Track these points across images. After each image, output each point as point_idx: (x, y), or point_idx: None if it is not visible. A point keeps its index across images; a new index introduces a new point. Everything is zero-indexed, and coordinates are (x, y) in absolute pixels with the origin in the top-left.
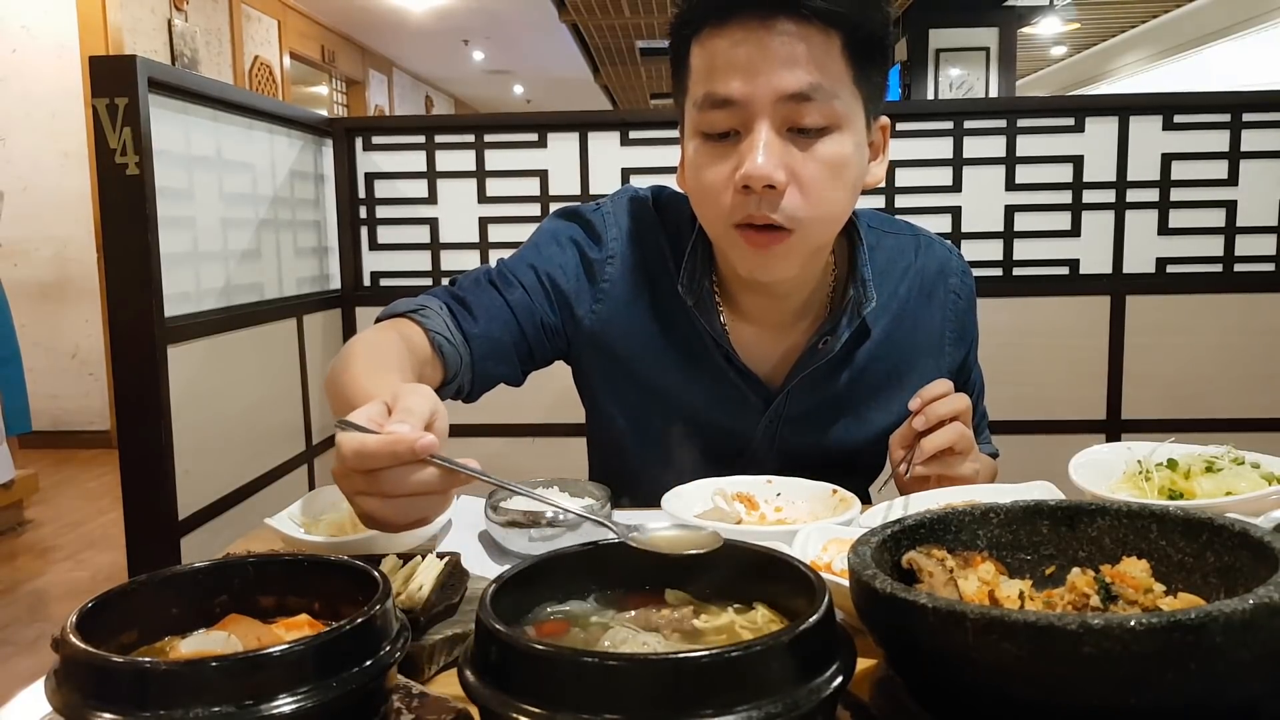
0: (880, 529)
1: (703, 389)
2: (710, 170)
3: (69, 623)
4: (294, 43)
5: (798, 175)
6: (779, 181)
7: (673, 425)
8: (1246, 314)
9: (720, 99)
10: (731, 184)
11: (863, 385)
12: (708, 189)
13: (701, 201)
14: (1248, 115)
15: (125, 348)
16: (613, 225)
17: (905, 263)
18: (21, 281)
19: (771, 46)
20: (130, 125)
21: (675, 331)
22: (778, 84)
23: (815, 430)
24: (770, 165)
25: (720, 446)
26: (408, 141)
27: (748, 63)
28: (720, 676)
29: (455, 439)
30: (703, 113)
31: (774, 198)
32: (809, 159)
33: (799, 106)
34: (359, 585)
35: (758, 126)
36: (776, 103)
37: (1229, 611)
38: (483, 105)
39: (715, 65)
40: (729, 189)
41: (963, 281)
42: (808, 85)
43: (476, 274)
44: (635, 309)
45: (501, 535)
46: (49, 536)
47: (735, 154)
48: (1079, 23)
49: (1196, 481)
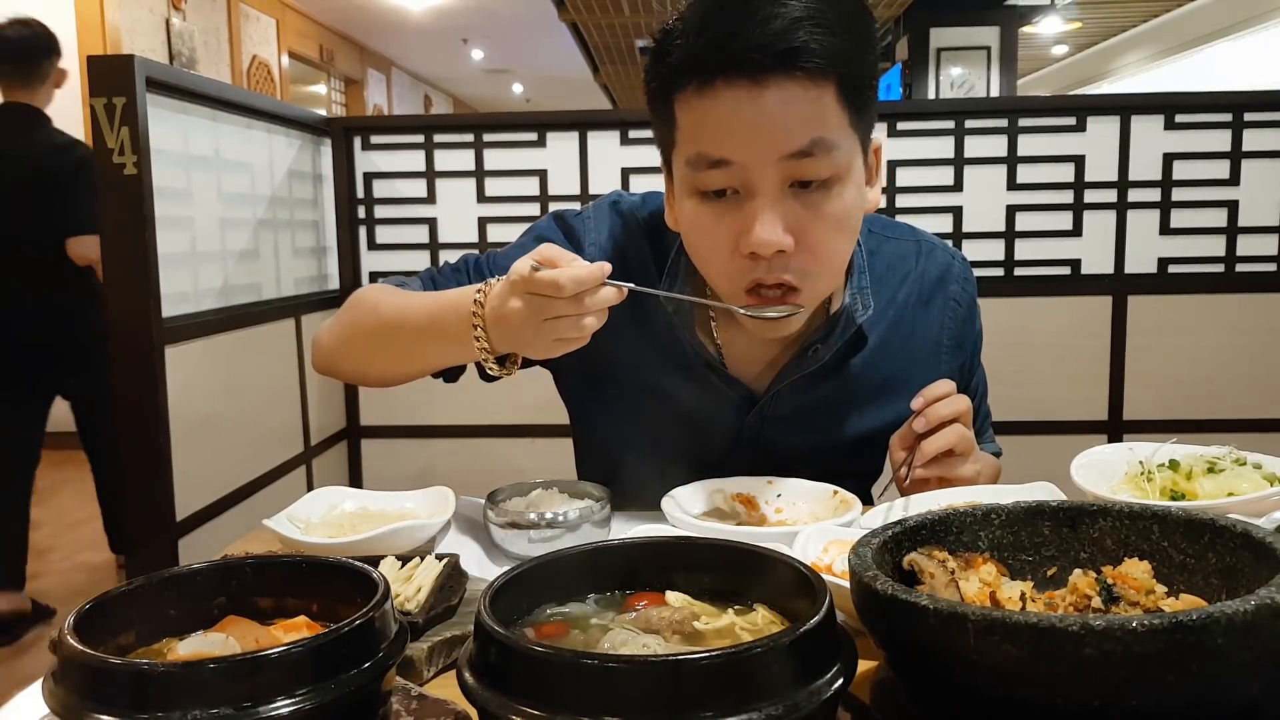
0: (881, 530)
1: (685, 394)
2: (712, 233)
3: (67, 624)
4: (292, 42)
5: (804, 236)
6: (788, 246)
7: (655, 430)
8: (1248, 314)
9: (715, 160)
10: (736, 248)
11: (854, 392)
12: (710, 249)
13: (704, 263)
14: (1249, 115)
15: (123, 348)
16: (592, 231)
17: (905, 269)
18: None
19: (767, 106)
20: (128, 125)
21: (658, 338)
22: (778, 144)
23: (802, 435)
24: (776, 233)
25: (704, 451)
26: (406, 141)
27: (744, 125)
28: (720, 678)
29: (455, 439)
30: (696, 172)
31: (783, 260)
32: (815, 218)
33: (801, 163)
34: (357, 587)
35: (760, 190)
36: (777, 162)
37: (1231, 613)
38: (482, 104)
39: (707, 126)
40: (734, 254)
41: (964, 289)
42: (808, 143)
43: (459, 262)
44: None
45: (500, 537)
46: (47, 537)
47: (736, 215)
48: (1080, 22)
49: (1198, 482)
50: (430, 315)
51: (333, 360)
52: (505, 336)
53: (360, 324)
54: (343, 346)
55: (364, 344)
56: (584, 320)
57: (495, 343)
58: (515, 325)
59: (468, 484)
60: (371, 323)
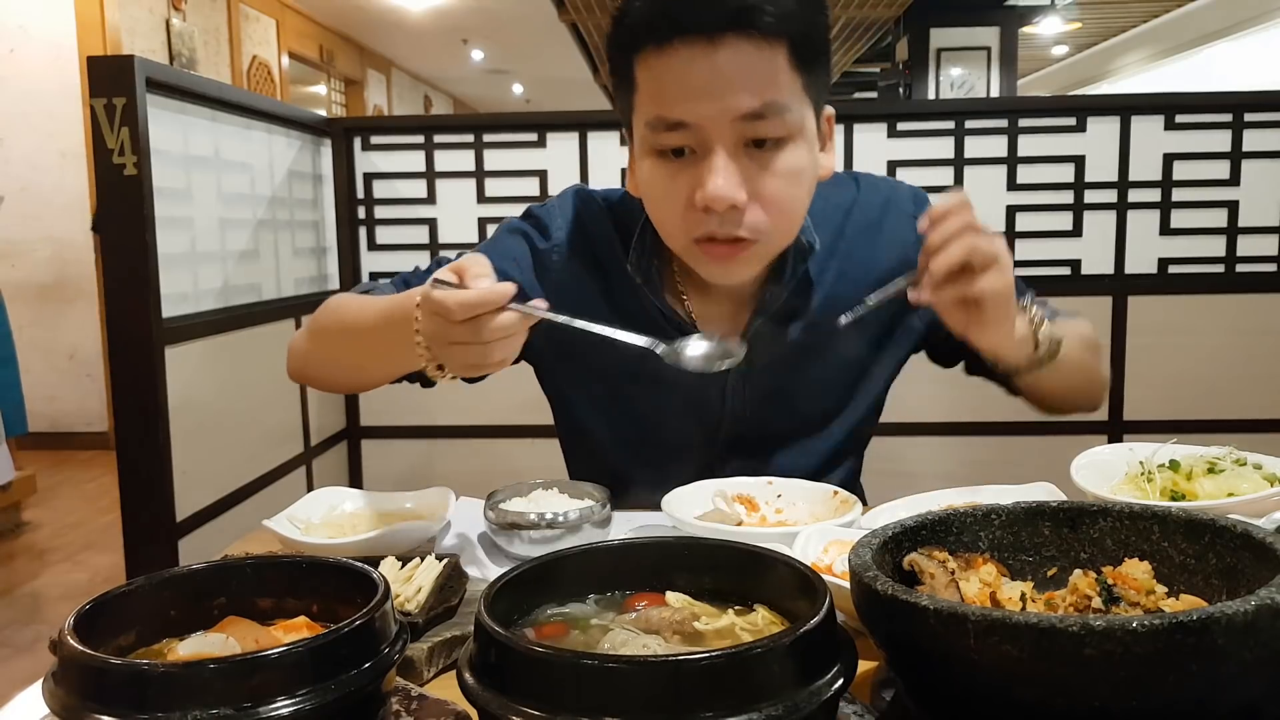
0: (881, 531)
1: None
2: (668, 189)
3: (67, 624)
4: (292, 42)
5: (758, 192)
6: (740, 202)
7: (639, 404)
8: (1249, 314)
9: (673, 122)
10: (691, 203)
11: (819, 335)
12: (667, 206)
13: (660, 219)
14: (1249, 115)
15: (123, 349)
16: (558, 216)
17: (847, 205)
18: (19, 282)
19: (722, 67)
20: (128, 125)
21: (630, 313)
22: (733, 105)
23: (779, 390)
24: (730, 187)
25: (689, 421)
26: (406, 141)
27: (699, 85)
28: (721, 679)
29: (455, 439)
30: (655, 133)
31: (736, 216)
32: (768, 175)
33: (754, 124)
34: (357, 587)
35: (715, 147)
36: (732, 123)
37: (1231, 613)
38: (482, 105)
39: (664, 87)
40: (688, 208)
41: (916, 205)
42: (762, 104)
43: (432, 264)
44: (586, 295)
45: (500, 537)
46: (47, 538)
47: (692, 173)
48: (1080, 22)
49: (1198, 483)
50: (380, 319)
51: (302, 366)
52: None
53: (324, 329)
54: (309, 352)
55: (327, 349)
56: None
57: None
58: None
59: (468, 484)
60: (333, 328)
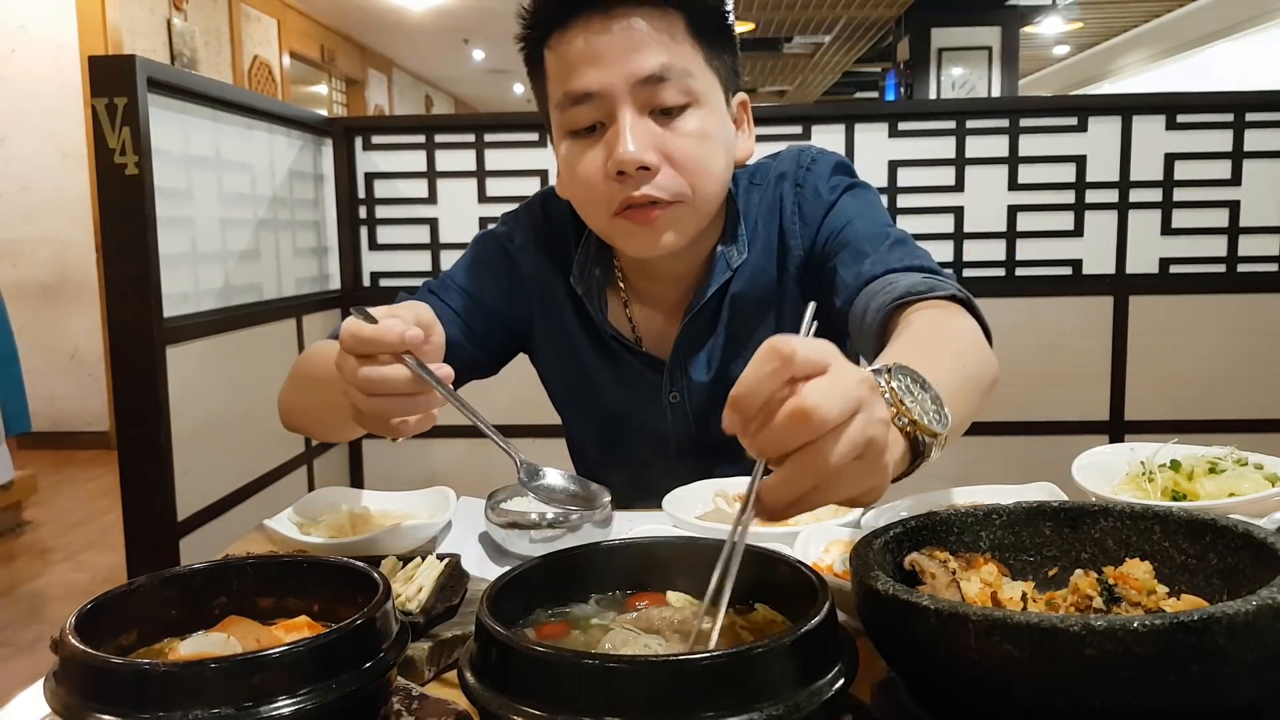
0: (882, 530)
1: (612, 374)
2: (582, 165)
3: (68, 624)
4: (293, 42)
5: (669, 153)
6: (651, 163)
7: (602, 410)
8: (1250, 314)
9: (579, 94)
10: (605, 174)
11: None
12: (584, 183)
13: (581, 197)
14: (1251, 115)
15: (124, 348)
16: (519, 231)
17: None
18: (21, 282)
19: (618, 35)
20: (129, 125)
21: (583, 321)
22: (631, 69)
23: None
24: (640, 148)
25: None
26: (407, 141)
27: (599, 54)
28: (722, 679)
29: (455, 439)
30: (565, 111)
31: (649, 178)
32: (675, 135)
33: (655, 89)
34: (358, 587)
35: (620, 113)
36: (634, 88)
37: (1232, 613)
38: (483, 105)
39: (568, 63)
40: (604, 179)
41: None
42: (659, 66)
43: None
44: (549, 301)
45: (502, 537)
46: (48, 537)
47: (604, 145)
48: (1081, 22)
49: (1200, 483)
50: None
51: (287, 418)
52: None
53: (295, 378)
54: (287, 403)
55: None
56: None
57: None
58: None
59: (468, 484)
60: (300, 377)
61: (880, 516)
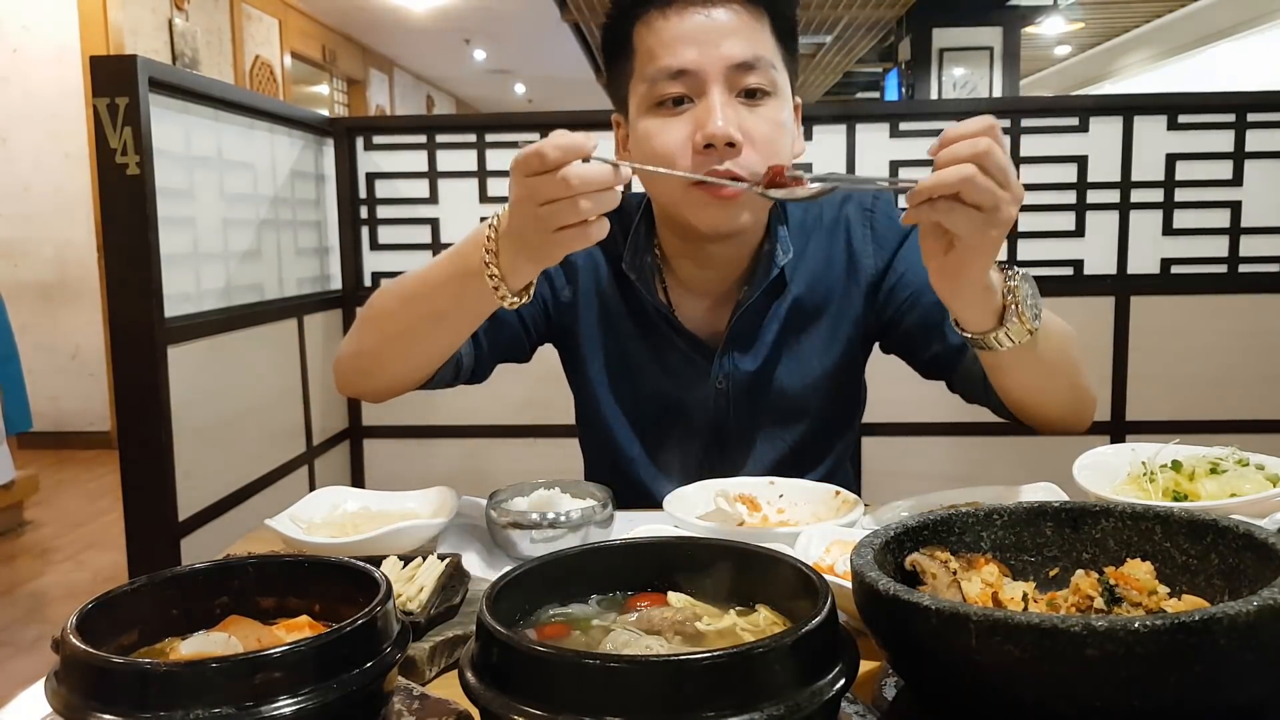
0: (883, 531)
1: (656, 358)
2: (666, 136)
3: (69, 624)
4: (295, 42)
5: (750, 134)
6: (737, 140)
7: (638, 393)
8: (1251, 315)
9: (676, 70)
10: (689, 146)
11: (794, 333)
12: (665, 153)
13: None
14: (1252, 115)
15: (125, 348)
16: None
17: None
18: (22, 282)
19: (718, 22)
20: (131, 125)
21: (628, 306)
22: (727, 52)
23: (762, 385)
24: (730, 124)
25: (681, 410)
26: (409, 141)
27: (699, 35)
28: (723, 679)
29: (457, 439)
30: (655, 85)
31: (733, 155)
32: (758, 119)
33: (745, 74)
34: (359, 586)
35: (712, 91)
36: (727, 70)
37: (1233, 613)
38: (484, 105)
39: (665, 41)
40: (686, 151)
41: (874, 198)
42: (752, 55)
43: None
44: (597, 287)
45: (503, 537)
46: (49, 537)
47: (689, 119)
48: (1083, 22)
49: (1201, 483)
50: (452, 262)
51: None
52: (516, 247)
53: (381, 311)
54: (366, 344)
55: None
56: (579, 203)
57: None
58: (518, 226)
59: (469, 484)
60: (393, 304)
61: (881, 517)
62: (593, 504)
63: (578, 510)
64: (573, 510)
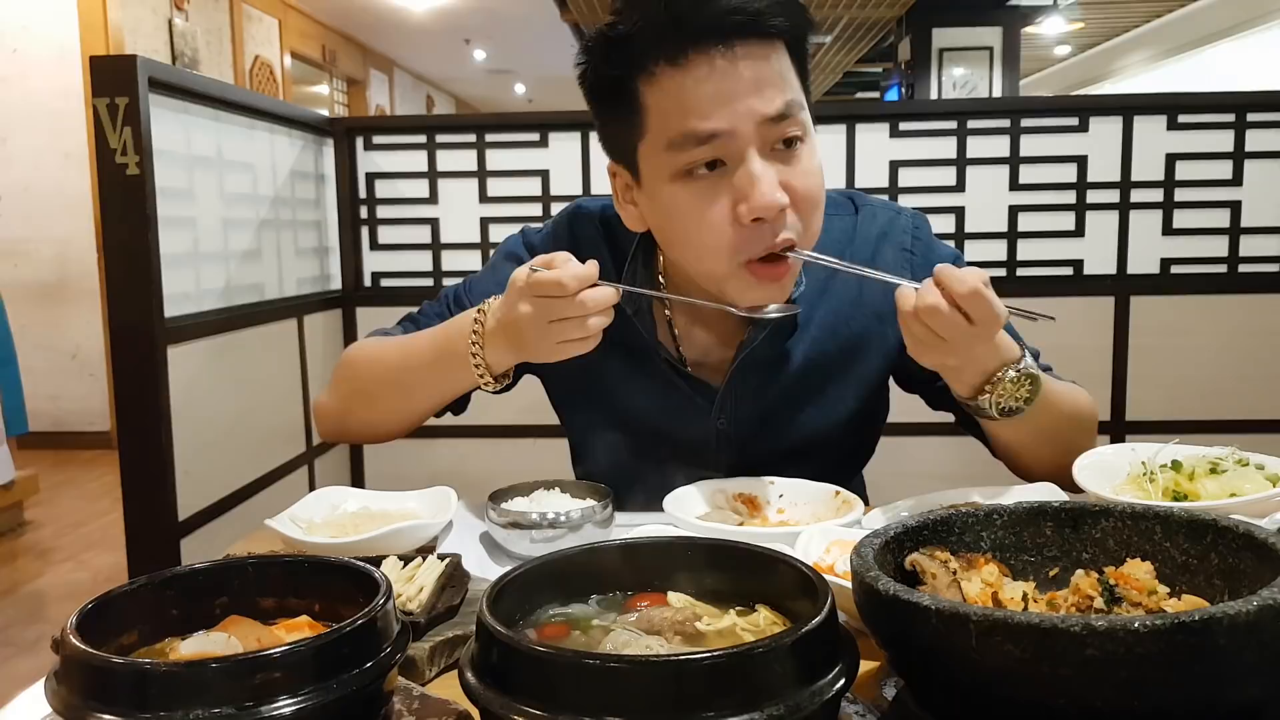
0: (883, 531)
1: (652, 395)
2: (706, 210)
3: (69, 624)
4: (295, 42)
5: (793, 191)
6: (785, 204)
7: (629, 432)
8: (1251, 315)
9: (705, 135)
10: (734, 219)
11: (812, 372)
12: (708, 230)
13: (702, 243)
14: (1252, 115)
15: (125, 348)
16: (552, 242)
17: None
18: (22, 282)
19: (744, 72)
20: (131, 125)
21: (623, 342)
22: (760, 108)
23: (767, 425)
24: (778, 190)
25: (676, 449)
26: (409, 141)
27: (724, 90)
28: (723, 679)
29: (456, 439)
30: (682, 151)
31: (783, 220)
32: (796, 173)
33: (780, 125)
34: (359, 586)
35: (749, 155)
36: (759, 126)
37: (1233, 613)
38: (484, 105)
39: (685, 102)
40: (732, 225)
41: (914, 238)
42: (784, 104)
43: (438, 298)
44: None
45: (503, 537)
46: (49, 537)
47: (726, 188)
48: (1083, 22)
49: (1201, 483)
50: (436, 346)
51: (340, 421)
52: (512, 346)
53: (366, 376)
54: (349, 404)
55: (373, 394)
56: (588, 320)
57: (497, 357)
58: (522, 330)
59: (469, 484)
60: (378, 372)
61: (881, 517)
62: (593, 504)
63: (578, 510)
64: (573, 510)
